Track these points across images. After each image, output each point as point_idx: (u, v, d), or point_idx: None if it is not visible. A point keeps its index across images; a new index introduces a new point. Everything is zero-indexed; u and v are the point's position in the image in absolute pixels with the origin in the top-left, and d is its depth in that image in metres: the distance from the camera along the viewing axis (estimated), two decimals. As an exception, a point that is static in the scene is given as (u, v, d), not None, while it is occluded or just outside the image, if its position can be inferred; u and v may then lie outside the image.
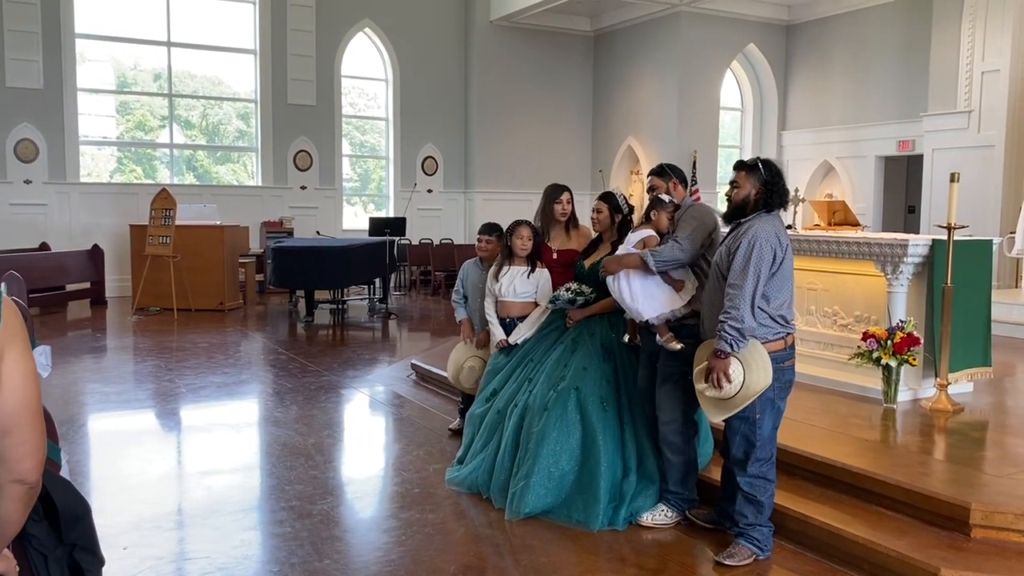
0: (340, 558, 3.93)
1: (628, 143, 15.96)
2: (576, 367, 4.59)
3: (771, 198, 3.80)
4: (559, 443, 4.43)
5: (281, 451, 5.55)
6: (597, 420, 4.45)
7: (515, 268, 5.12)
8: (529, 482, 4.38)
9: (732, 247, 3.75)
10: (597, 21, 16.39)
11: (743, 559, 3.78)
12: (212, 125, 15.39)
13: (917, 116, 12.47)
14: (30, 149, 13.02)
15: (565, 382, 4.55)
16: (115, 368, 8.54)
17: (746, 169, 3.85)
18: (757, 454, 3.81)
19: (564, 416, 4.47)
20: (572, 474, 4.42)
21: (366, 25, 15.39)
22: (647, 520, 4.25)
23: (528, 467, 4.43)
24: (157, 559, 3.90)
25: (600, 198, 4.85)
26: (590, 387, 4.51)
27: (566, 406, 4.48)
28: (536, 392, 4.64)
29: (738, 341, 3.64)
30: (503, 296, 5.13)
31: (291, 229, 14.49)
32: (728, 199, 3.94)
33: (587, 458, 4.42)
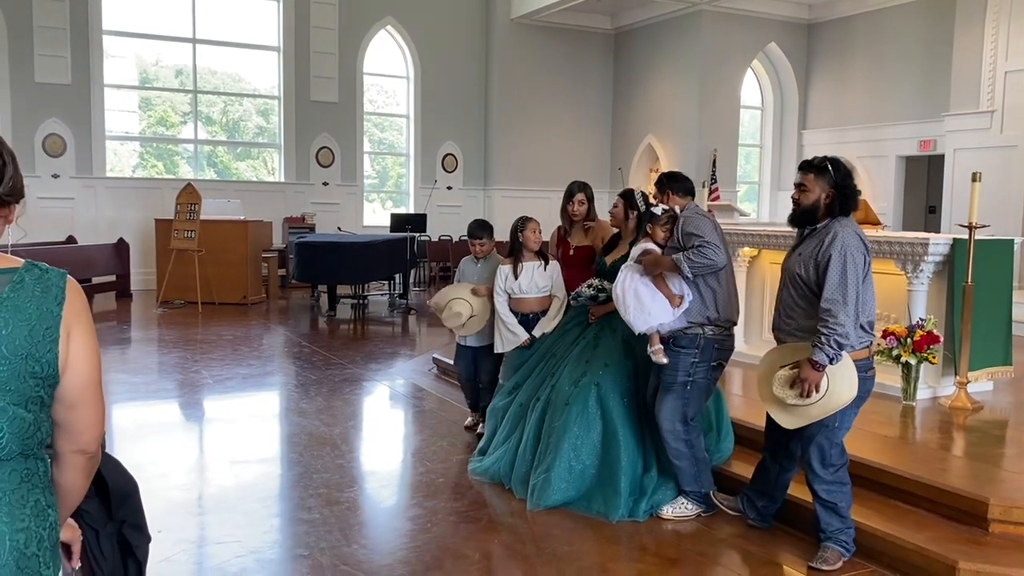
0: (368, 543, 4.03)
1: (648, 141, 15.99)
2: (598, 363, 4.65)
3: (845, 202, 3.61)
4: (580, 438, 4.50)
5: (307, 441, 5.66)
6: (618, 415, 4.51)
7: (529, 264, 5.25)
8: (550, 476, 4.46)
9: (818, 257, 3.56)
10: (617, 19, 16.43)
11: (835, 563, 3.73)
12: (232, 121, 15.55)
13: (939, 116, 12.43)
14: (58, 144, 13.23)
15: (586, 377, 4.61)
16: (141, 359, 8.68)
17: (815, 171, 3.64)
18: (833, 460, 3.74)
19: (585, 411, 4.53)
20: (593, 468, 4.49)
21: (388, 23, 15.50)
22: (667, 513, 4.31)
23: (549, 461, 4.51)
24: (191, 542, 4.01)
25: (620, 195, 4.91)
26: (611, 382, 4.57)
27: (587, 401, 4.54)
28: (558, 387, 4.71)
29: (839, 355, 3.52)
30: (524, 293, 5.22)
31: (313, 225, 14.63)
32: (795, 202, 3.71)
33: (608, 453, 4.48)
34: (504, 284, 5.28)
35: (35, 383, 1.50)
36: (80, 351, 1.56)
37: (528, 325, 5.19)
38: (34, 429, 1.52)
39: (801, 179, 3.65)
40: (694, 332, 4.17)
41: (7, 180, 1.54)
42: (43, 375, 1.51)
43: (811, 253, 3.61)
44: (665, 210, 4.29)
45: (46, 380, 1.52)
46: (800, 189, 3.65)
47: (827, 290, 3.50)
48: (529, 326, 5.19)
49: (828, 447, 3.72)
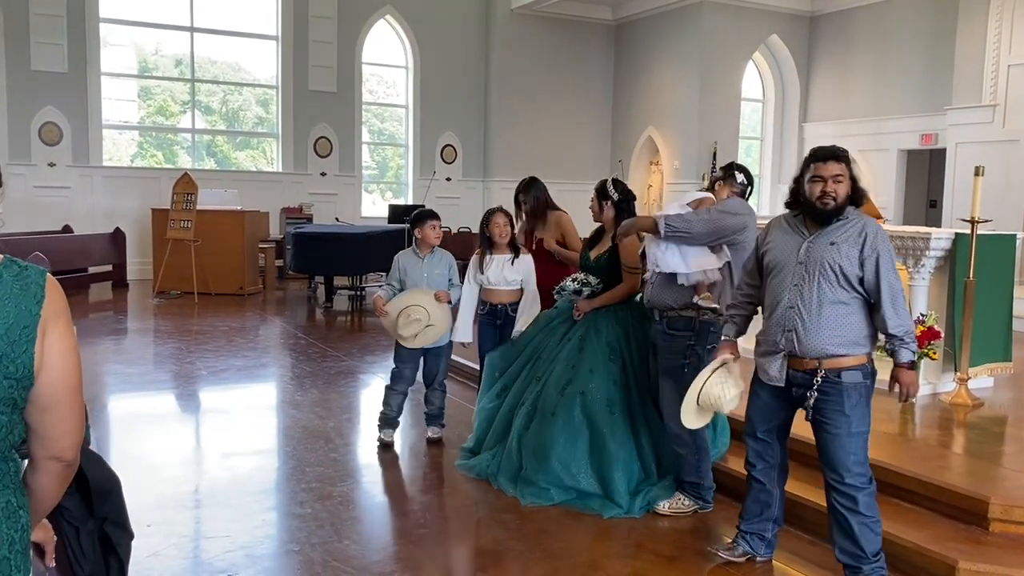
0: (359, 539, 3.98)
1: (648, 133, 15.91)
2: (583, 369, 4.54)
3: (858, 193, 3.47)
4: (567, 451, 4.42)
5: (301, 434, 5.61)
6: (604, 424, 4.42)
7: (499, 256, 5.22)
8: (538, 487, 4.41)
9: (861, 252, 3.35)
10: (619, 10, 16.33)
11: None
12: (232, 111, 15.46)
13: (941, 110, 12.35)
14: (54, 132, 13.14)
15: (571, 386, 4.52)
16: (137, 350, 8.63)
17: (846, 161, 3.44)
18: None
19: (570, 421, 4.45)
20: (584, 481, 4.41)
21: (387, 12, 15.39)
22: (664, 508, 4.26)
23: (538, 472, 4.44)
24: (180, 537, 3.97)
25: (595, 190, 4.82)
26: (597, 391, 4.47)
27: (572, 411, 4.46)
28: (544, 394, 4.61)
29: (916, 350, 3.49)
30: (492, 285, 5.22)
31: (311, 215, 14.55)
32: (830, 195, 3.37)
33: (599, 463, 4.40)
34: (474, 275, 5.28)
35: (8, 384, 1.44)
36: (57, 353, 1.50)
37: (496, 315, 5.23)
38: (6, 431, 1.46)
39: (838, 169, 3.38)
40: (689, 315, 4.11)
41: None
42: (17, 376, 1.45)
43: (851, 249, 3.36)
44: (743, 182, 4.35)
45: (20, 382, 1.46)
46: (837, 180, 3.37)
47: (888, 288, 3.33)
48: (497, 316, 5.23)
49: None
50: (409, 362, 5.30)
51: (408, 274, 5.17)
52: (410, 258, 5.24)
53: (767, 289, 3.55)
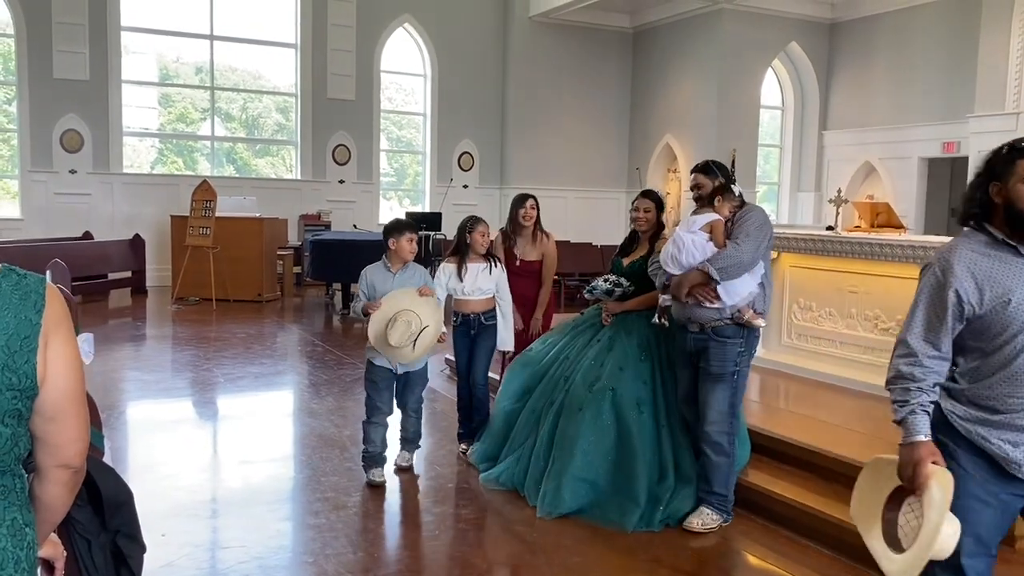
0: (374, 551, 3.95)
1: (666, 141, 15.84)
2: (612, 367, 4.53)
3: None
4: (593, 446, 4.39)
5: (317, 443, 5.59)
6: (632, 422, 4.39)
7: (474, 265, 5.12)
8: (561, 483, 4.36)
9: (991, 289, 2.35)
10: (637, 18, 16.29)
11: None
12: (252, 118, 15.55)
13: (963, 117, 12.22)
14: (75, 139, 13.25)
15: (601, 382, 4.50)
16: (155, 356, 8.66)
17: None
18: None
19: (599, 418, 4.42)
20: (607, 476, 4.38)
21: (406, 20, 15.43)
22: (697, 525, 4.13)
23: (561, 468, 4.40)
24: (194, 547, 3.95)
25: (645, 195, 4.80)
26: (626, 388, 4.45)
27: (601, 407, 4.43)
28: (572, 391, 4.60)
29: None
30: (467, 295, 5.12)
31: (329, 222, 14.59)
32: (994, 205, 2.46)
33: (622, 461, 4.37)
34: (447, 282, 5.13)
35: (12, 396, 1.43)
36: (60, 361, 1.48)
37: (470, 326, 5.15)
38: (11, 444, 1.44)
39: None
40: (737, 322, 4.09)
41: None
42: (21, 387, 1.43)
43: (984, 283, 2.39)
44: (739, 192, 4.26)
45: (24, 392, 1.44)
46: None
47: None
48: (471, 327, 5.16)
49: None
50: (384, 390, 4.82)
51: (377, 290, 4.72)
52: (379, 272, 4.78)
53: (986, 341, 2.39)
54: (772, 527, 4.21)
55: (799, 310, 6.37)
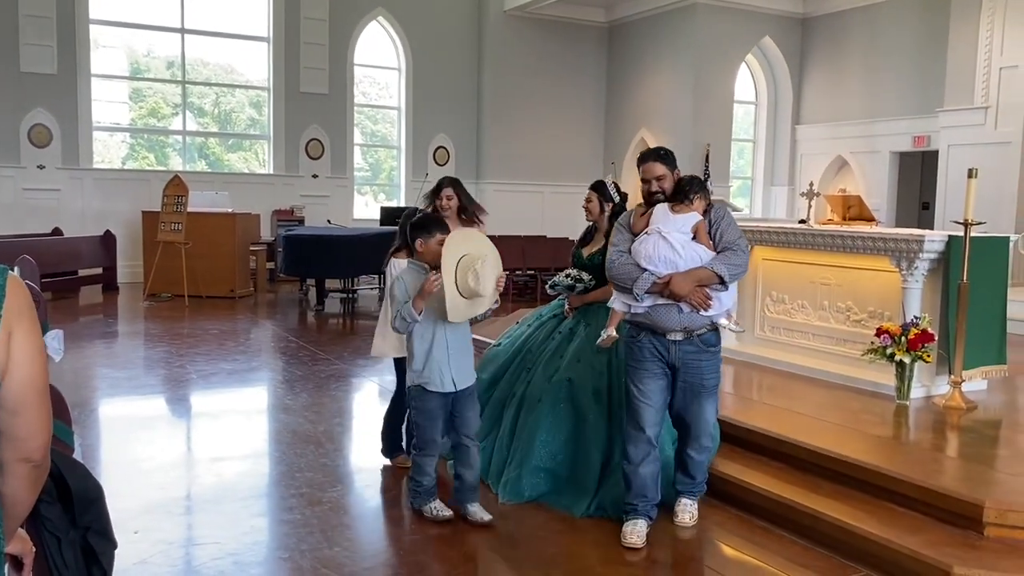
0: (350, 545, 3.93)
1: (641, 135, 15.89)
2: (570, 358, 4.63)
3: None
4: (551, 435, 4.49)
5: (291, 438, 5.56)
6: (589, 411, 4.49)
7: None
8: (521, 472, 4.46)
9: None
10: (611, 12, 16.32)
11: None
12: (224, 113, 15.40)
13: (933, 112, 12.37)
14: (44, 134, 13.06)
15: (559, 373, 4.61)
16: (126, 353, 8.57)
17: None
18: None
19: (556, 408, 4.53)
20: (564, 465, 4.48)
21: (380, 14, 15.35)
22: (690, 521, 4.13)
23: (521, 458, 4.50)
24: (168, 544, 3.91)
25: (591, 187, 4.86)
26: (583, 378, 4.55)
27: (558, 397, 4.54)
28: (533, 382, 4.71)
29: None
30: None
31: (302, 217, 14.50)
32: None
33: (578, 450, 4.47)
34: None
35: None
36: (23, 352, 1.45)
37: None
38: None
39: None
40: (714, 328, 4.03)
41: None
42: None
43: None
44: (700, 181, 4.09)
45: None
46: None
47: None
48: None
49: None
50: (440, 417, 4.13)
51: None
52: (416, 274, 4.10)
53: None
54: (746, 517, 4.24)
55: (772, 303, 6.43)
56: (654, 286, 3.79)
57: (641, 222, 3.93)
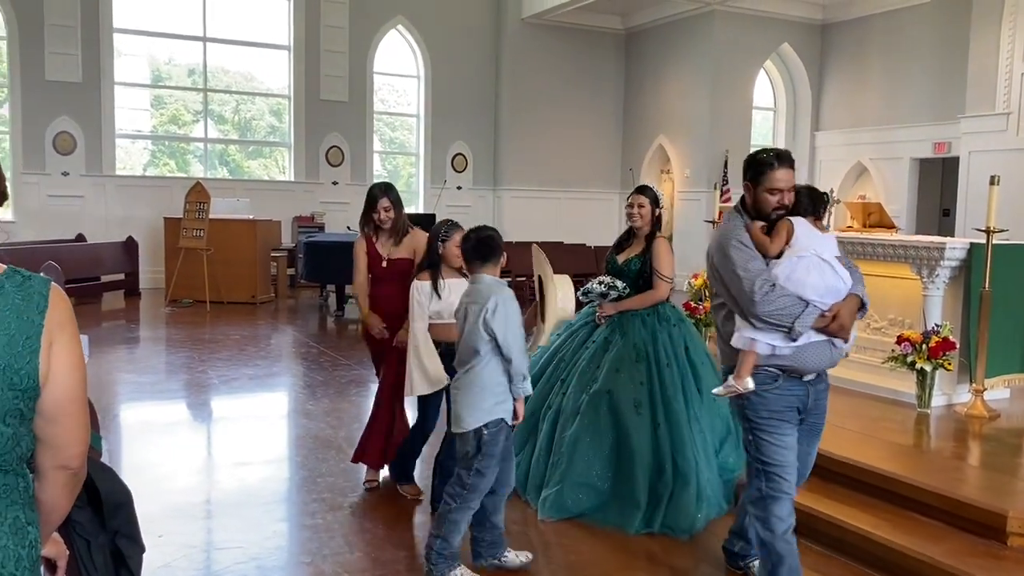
0: (371, 551, 3.96)
1: (659, 142, 15.89)
2: (608, 369, 4.51)
3: None
4: (592, 449, 4.38)
5: (312, 444, 5.60)
6: (630, 424, 4.37)
7: (452, 281, 4.21)
8: (563, 488, 4.35)
9: None
10: (629, 19, 16.33)
11: None
12: (244, 120, 15.54)
13: (954, 118, 12.29)
14: (68, 142, 13.23)
15: (597, 384, 4.48)
16: (149, 359, 8.65)
17: None
18: None
19: (596, 421, 4.41)
20: (607, 480, 4.38)
21: (399, 22, 15.45)
22: None
23: (561, 473, 4.39)
24: (191, 547, 3.96)
25: (640, 192, 4.67)
26: (623, 390, 4.43)
27: (598, 410, 4.43)
28: (569, 394, 4.58)
29: None
30: (447, 318, 4.07)
31: (322, 224, 14.59)
32: None
33: (621, 464, 4.36)
34: (426, 301, 4.18)
35: (14, 396, 1.44)
36: (63, 363, 1.49)
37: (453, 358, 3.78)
38: (13, 444, 1.45)
39: None
40: None
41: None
42: (22, 387, 1.44)
43: None
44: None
45: (26, 392, 1.45)
46: None
47: None
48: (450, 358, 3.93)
49: None
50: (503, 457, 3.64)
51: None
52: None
53: None
54: (766, 525, 4.23)
55: (792, 310, 6.40)
56: (817, 321, 3.13)
57: (776, 243, 3.19)
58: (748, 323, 3.15)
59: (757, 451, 3.25)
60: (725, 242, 3.20)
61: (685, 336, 4.63)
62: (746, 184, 3.29)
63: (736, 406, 3.33)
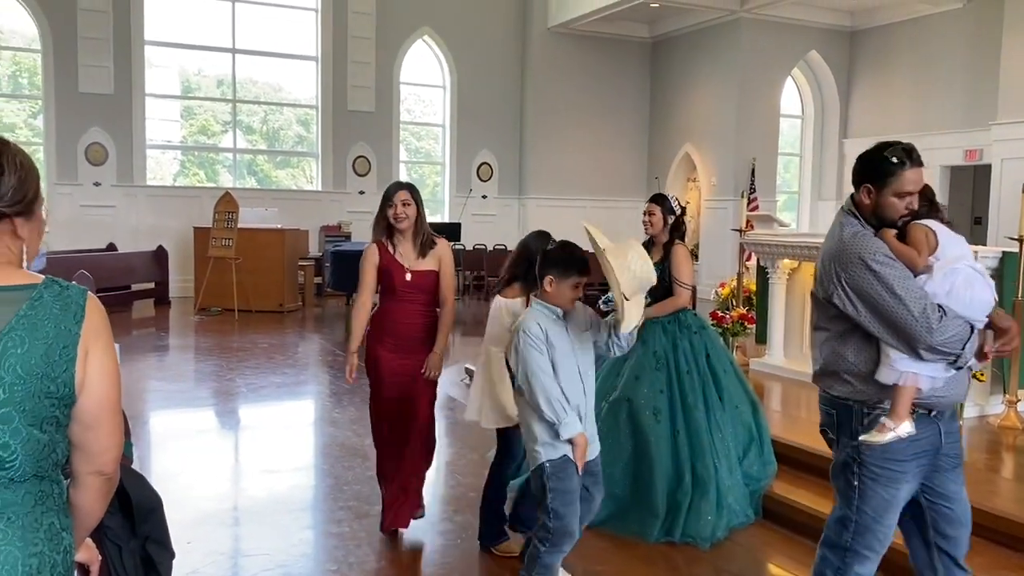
0: (397, 558, 3.97)
1: (685, 150, 15.83)
2: (628, 376, 4.50)
3: None
4: (612, 457, 4.34)
5: (339, 452, 5.63)
6: (650, 431, 4.36)
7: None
8: None
9: None
10: (655, 28, 16.31)
11: None
12: (272, 130, 15.70)
13: (985, 125, 12.13)
14: (100, 152, 13.43)
15: (617, 392, 4.48)
16: (178, 366, 8.75)
17: None
18: None
19: (616, 429, 4.41)
20: (626, 488, 4.37)
21: (425, 32, 15.55)
22: None
23: None
24: (219, 554, 3.99)
25: (651, 200, 4.71)
26: (642, 397, 4.42)
27: (617, 418, 4.42)
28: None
29: None
30: None
31: (349, 233, 14.67)
32: None
33: (640, 472, 4.35)
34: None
35: (50, 403, 1.47)
36: (98, 371, 1.52)
37: None
38: (49, 450, 1.48)
39: None
40: None
41: (4, 191, 1.48)
42: (59, 395, 1.47)
43: None
44: None
45: (62, 400, 1.48)
46: None
47: None
48: None
49: None
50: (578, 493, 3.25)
51: (556, 347, 3.19)
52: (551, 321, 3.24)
53: None
54: (794, 537, 4.19)
55: (820, 319, 6.34)
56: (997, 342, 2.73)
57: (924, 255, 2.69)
58: (908, 353, 2.61)
59: (861, 500, 2.79)
60: (864, 255, 2.65)
61: (706, 343, 4.61)
62: (865, 188, 2.77)
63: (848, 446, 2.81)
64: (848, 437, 2.80)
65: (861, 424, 2.75)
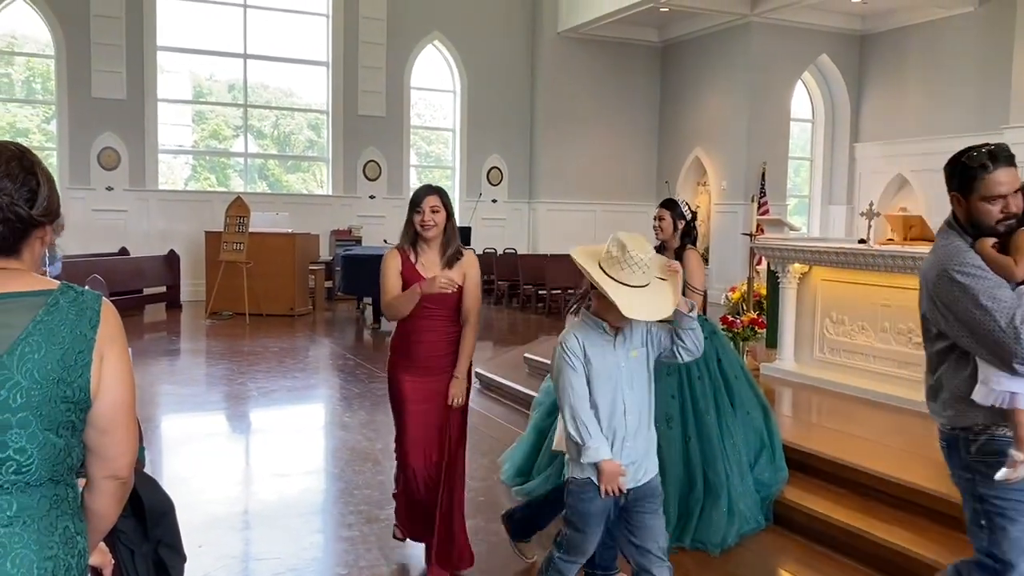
0: (407, 562, 3.98)
1: (695, 154, 15.82)
2: None
3: None
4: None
5: (349, 456, 5.64)
6: (661, 437, 4.32)
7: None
8: None
9: None
10: (665, 32, 16.31)
11: None
12: (284, 135, 15.76)
13: (997, 128, 12.07)
14: (112, 157, 13.52)
15: None
16: (189, 370, 8.78)
17: None
18: None
19: None
20: None
21: (435, 38, 15.59)
22: None
23: None
24: (230, 558, 4.00)
25: (662, 205, 4.68)
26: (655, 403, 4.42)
27: None
28: None
29: None
30: None
31: (360, 237, 14.73)
32: None
33: None
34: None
35: (66, 408, 1.48)
36: (113, 376, 1.53)
37: None
38: (64, 455, 1.49)
39: None
40: None
41: (41, 201, 1.52)
42: (75, 400, 1.49)
43: None
44: None
45: (78, 405, 1.49)
46: None
47: None
48: None
49: None
50: (599, 524, 3.03)
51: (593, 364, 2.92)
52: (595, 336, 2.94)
53: None
54: (806, 543, 4.18)
55: (831, 324, 6.33)
56: None
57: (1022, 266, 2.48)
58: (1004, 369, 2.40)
59: (991, 542, 2.52)
60: (949, 267, 2.50)
61: (718, 349, 4.59)
62: (954, 195, 2.61)
63: (962, 479, 2.56)
64: (960, 469, 2.58)
65: (968, 452, 2.53)
